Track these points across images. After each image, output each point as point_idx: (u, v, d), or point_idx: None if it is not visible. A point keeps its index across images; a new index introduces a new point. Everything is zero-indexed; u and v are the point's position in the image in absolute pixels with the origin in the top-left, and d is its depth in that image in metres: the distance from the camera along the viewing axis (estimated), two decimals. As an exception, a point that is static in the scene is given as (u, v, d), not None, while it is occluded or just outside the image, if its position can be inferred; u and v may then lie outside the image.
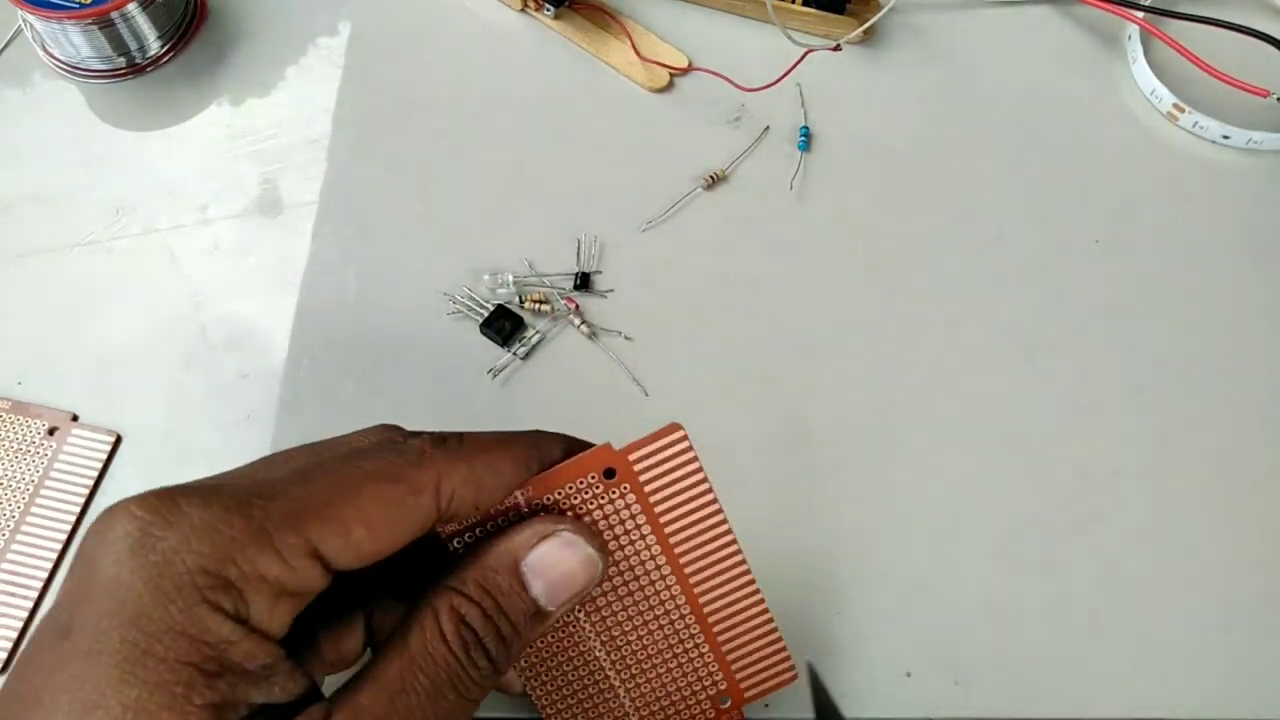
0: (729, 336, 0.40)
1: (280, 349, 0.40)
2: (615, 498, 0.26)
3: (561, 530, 0.25)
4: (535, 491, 0.26)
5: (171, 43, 0.46)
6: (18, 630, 0.35)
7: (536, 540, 0.25)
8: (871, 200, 0.43)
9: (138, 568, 0.20)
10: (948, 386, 0.39)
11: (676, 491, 0.26)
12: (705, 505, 0.27)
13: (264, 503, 0.21)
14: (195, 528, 0.21)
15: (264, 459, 0.25)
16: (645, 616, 0.28)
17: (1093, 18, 0.48)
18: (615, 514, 0.26)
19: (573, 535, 0.25)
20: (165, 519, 0.21)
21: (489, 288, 0.41)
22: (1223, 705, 0.34)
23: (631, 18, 0.47)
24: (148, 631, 0.20)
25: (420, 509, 0.23)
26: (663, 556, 0.27)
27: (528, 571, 0.25)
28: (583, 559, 0.25)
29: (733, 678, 0.30)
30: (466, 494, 0.24)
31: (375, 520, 0.22)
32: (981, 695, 0.34)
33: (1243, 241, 0.43)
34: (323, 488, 0.22)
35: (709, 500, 0.27)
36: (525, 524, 0.25)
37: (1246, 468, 0.38)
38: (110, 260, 0.42)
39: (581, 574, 0.25)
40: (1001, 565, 0.36)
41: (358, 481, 0.23)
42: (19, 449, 0.37)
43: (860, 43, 0.47)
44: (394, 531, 0.23)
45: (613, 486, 0.26)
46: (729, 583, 0.28)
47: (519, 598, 0.24)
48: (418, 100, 0.45)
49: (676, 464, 0.26)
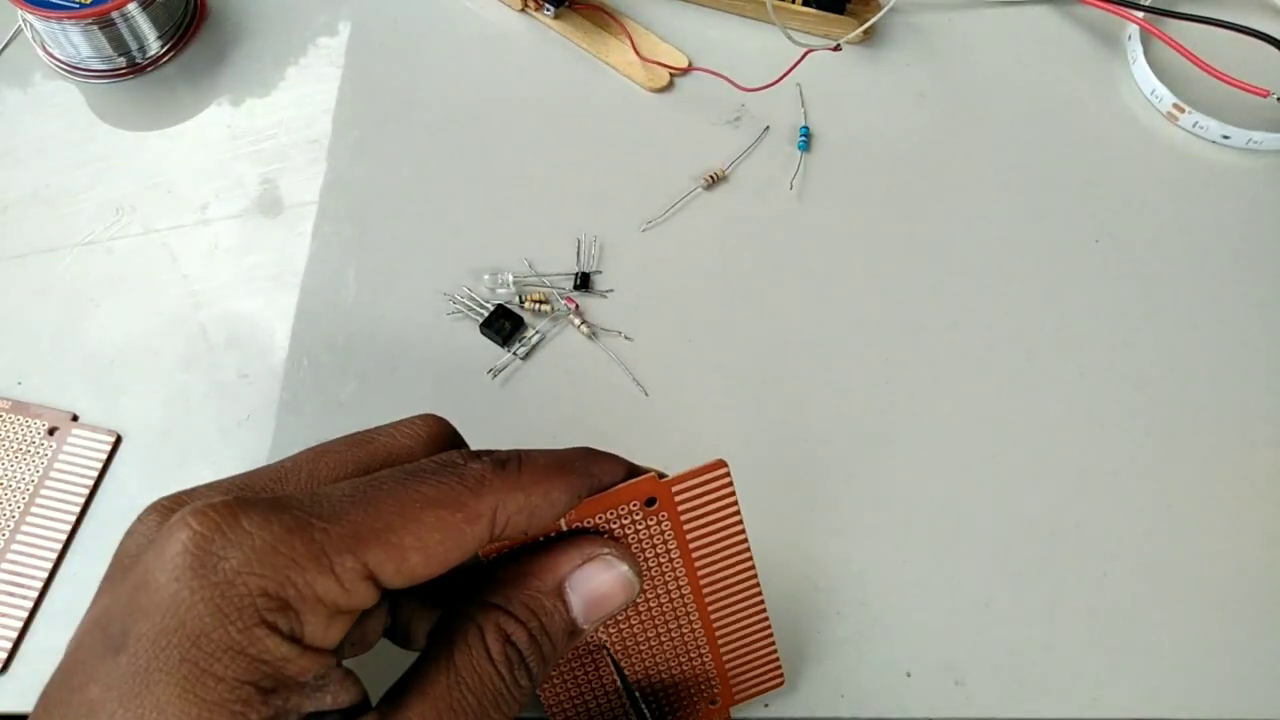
0: (729, 336, 0.40)
1: (280, 349, 0.40)
2: (652, 524, 0.27)
3: (605, 554, 0.25)
4: (578, 514, 0.26)
5: (171, 43, 0.46)
6: (18, 630, 0.35)
7: (581, 561, 0.25)
8: (871, 200, 0.43)
9: (199, 587, 0.20)
10: (947, 386, 0.39)
11: (711, 524, 0.27)
12: (735, 538, 0.28)
13: (324, 525, 0.21)
14: (257, 549, 0.21)
15: (315, 455, 0.25)
16: (658, 628, 0.29)
17: (1093, 18, 0.48)
18: (650, 538, 0.27)
19: (615, 559, 0.26)
20: (226, 536, 0.21)
21: (489, 288, 0.41)
22: (1222, 705, 0.34)
23: (631, 18, 0.47)
24: (207, 651, 0.20)
25: (475, 536, 0.23)
26: (685, 579, 0.28)
27: (570, 592, 0.25)
28: (622, 582, 0.26)
29: (726, 682, 0.31)
30: (520, 521, 0.24)
31: (431, 546, 0.23)
32: (981, 695, 0.34)
33: (1243, 241, 0.43)
34: (383, 512, 0.22)
35: (739, 534, 0.28)
36: (570, 544, 0.25)
37: (1247, 467, 0.38)
38: (110, 260, 0.42)
39: (620, 596, 0.26)
40: (1001, 565, 0.36)
41: (418, 508, 0.23)
42: (19, 449, 0.37)
43: (860, 43, 0.47)
44: (447, 557, 0.23)
45: (651, 514, 0.26)
46: (741, 603, 0.29)
47: (561, 617, 0.25)
48: (418, 100, 0.45)
49: (716, 499, 0.27)
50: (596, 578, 0.25)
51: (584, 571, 0.25)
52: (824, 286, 0.41)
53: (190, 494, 0.24)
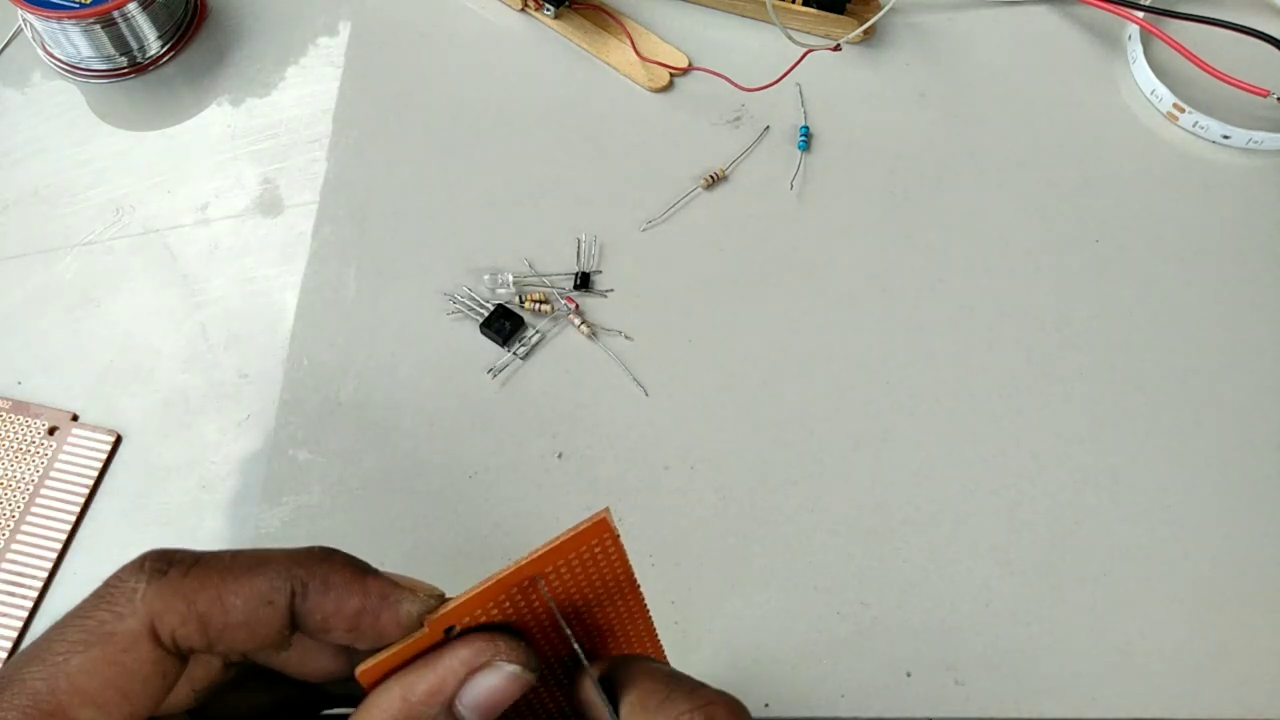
0: (729, 336, 0.40)
1: (280, 349, 0.40)
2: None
3: (492, 661, 0.23)
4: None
5: (171, 43, 0.46)
6: (18, 630, 0.35)
7: (465, 674, 0.23)
8: (871, 200, 0.43)
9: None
10: (947, 386, 0.39)
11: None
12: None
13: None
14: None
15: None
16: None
17: (1093, 18, 0.48)
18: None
19: (503, 661, 0.23)
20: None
21: (489, 288, 0.41)
22: (1222, 705, 0.34)
23: (631, 18, 0.47)
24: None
25: (141, 662, 0.21)
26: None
27: (461, 707, 0.23)
28: (513, 679, 0.23)
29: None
30: (190, 634, 0.21)
31: (98, 695, 0.21)
32: (981, 695, 0.34)
33: (1243, 241, 0.43)
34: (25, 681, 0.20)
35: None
36: (450, 654, 0.23)
37: (1247, 467, 0.38)
38: (110, 260, 0.42)
39: (514, 690, 0.23)
40: (1001, 565, 0.36)
41: (60, 660, 0.21)
42: (19, 449, 0.37)
43: (860, 43, 0.47)
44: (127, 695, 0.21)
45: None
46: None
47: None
48: (418, 100, 0.45)
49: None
50: (485, 685, 0.23)
51: (474, 682, 0.23)
52: (823, 286, 0.41)
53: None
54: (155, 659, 0.21)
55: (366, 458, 0.38)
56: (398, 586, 0.23)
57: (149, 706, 0.21)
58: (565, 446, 0.38)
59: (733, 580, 0.36)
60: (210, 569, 0.22)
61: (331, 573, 0.23)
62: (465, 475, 0.37)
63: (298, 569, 0.22)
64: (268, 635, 0.22)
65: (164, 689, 0.22)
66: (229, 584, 0.22)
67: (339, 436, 0.38)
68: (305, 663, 0.25)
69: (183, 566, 0.22)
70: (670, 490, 0.37)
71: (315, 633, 0.23)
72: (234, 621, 0.22)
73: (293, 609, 0.22)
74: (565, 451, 0.38)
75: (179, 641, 0.21)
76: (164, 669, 0.22)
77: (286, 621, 0.22)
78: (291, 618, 0.22)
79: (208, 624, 0.22)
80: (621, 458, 0.38)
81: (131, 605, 0.21)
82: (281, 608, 0.22)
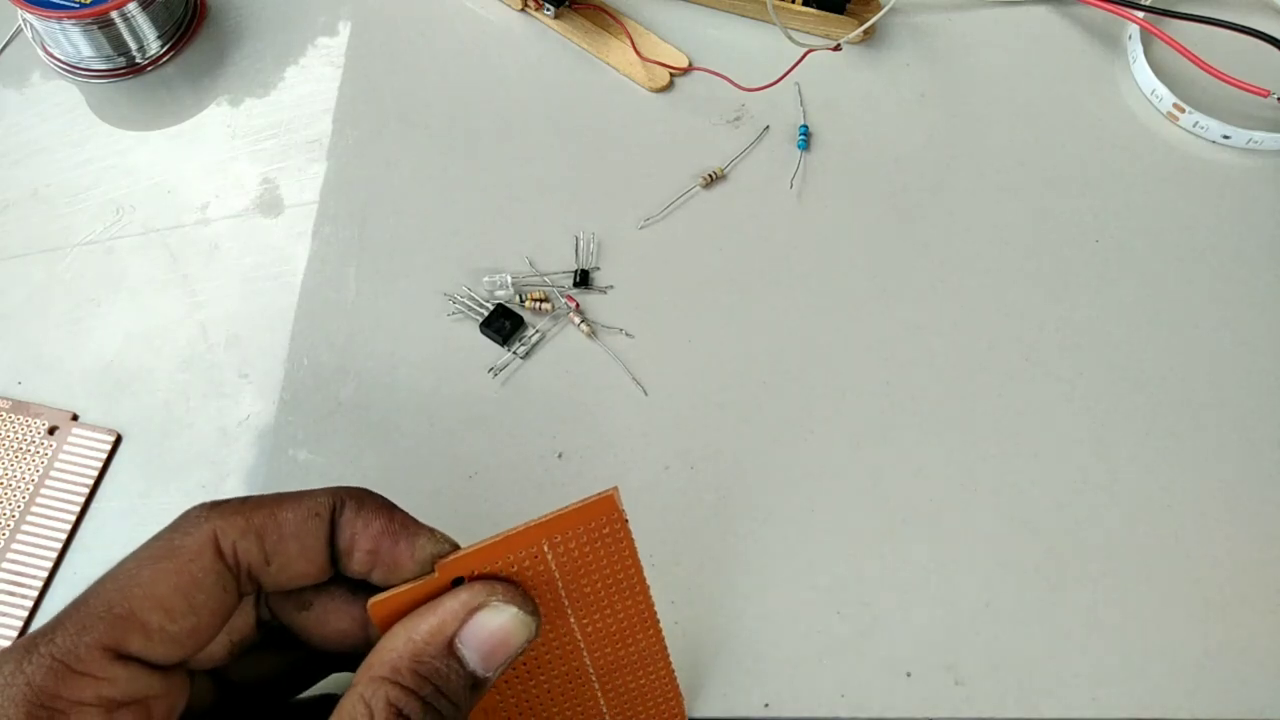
0: (728, 335, 0.40)
1: (280, 349, 0.40)
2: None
3: (491, 600, 0.25)
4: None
5: (171, 43, 0.46)
6: (18, 630, 0.35)
7: (466, 614, 0.24)
8: (871, 200, 0.43)
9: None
10: (947, 386, 0.39)
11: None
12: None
13: (49, 637, 0.22)
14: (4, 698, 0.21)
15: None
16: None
17: (1093, 18, 0.48)
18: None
19: (502, 603, 0.25)
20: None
21: (489, 288, 0.41)
22: (1222, 705, 0.34)
23: (631, 18, 0.47)
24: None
25: (206, 572, 0.23)
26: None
27: (462, 646, 0.24)
28: (515, 623, 0.25)
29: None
30: (249, 548, 0.24)
31: (167, 600, 0.23)
32: (981, 695, 0.34)
33: (1243, 241, 0.43)
34: (100, 592, 0.23)
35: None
36: (452, 598, 0.25)
37: (1247, 467, 0.38)
38: (110, 260, 0.42)
39: (517, 636, 0.25)
40: (1001, 565, 0.36)
41: (131, 571, 0.23)
42: (19, 449, 0.37)
43: (860, 43, 0.47)
44: (193, 606, 0.23)
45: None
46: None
47: (458, 674, 0.24)
48: (417, 100, 0.45)
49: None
50: (487, 625, 0.24)
51: (473, 623, 0.24)
52: (823, 285, 0.41)
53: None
54: (218, 571, 0.24)
55: (366, 458, 0.38)
56: (419, 524, 0.26)
57: (211, 623, 0.24)
58: (565, 446, 0.38)
59: (733, 580, 0.36)
60: (266, 496, 0.25)
61: (366, 497, 0.26)
62: (465, 475, 0.37)
63: (340, 492, 0.26)
64: (315, 550, 0.25)
65: (225, 607, 0.24)
66: (281, 502, 0.25)
67: (339, 436, 0.38)
68: (325, 622, 0.27)
69: (240, 499, 0.25)
70: (670, 490, 0.37)
71: (344, 554, 0.25)
72: (287, 533, 0.25)
73: (334, 525, 0.25)
74: (565, 451, 0.38)
75: (240, 555, 0.24)
76: (225, 584, 0.24)
77: (329, 538, 0.25)
78: (332, 539, 0.25)
79: (264, 537, 0.24)
80: (621, 457, 0.38)
81: (194, 524, 0.24)
82: (325, 520, 0.25)
